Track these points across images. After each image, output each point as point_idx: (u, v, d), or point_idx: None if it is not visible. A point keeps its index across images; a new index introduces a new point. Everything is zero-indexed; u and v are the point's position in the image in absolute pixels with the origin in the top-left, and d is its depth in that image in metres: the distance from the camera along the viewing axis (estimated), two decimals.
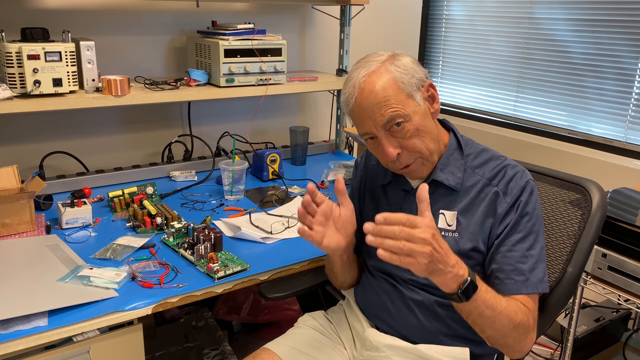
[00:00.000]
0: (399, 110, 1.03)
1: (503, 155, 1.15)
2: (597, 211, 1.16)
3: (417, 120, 1.05)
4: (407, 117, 1.04)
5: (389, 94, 1.03)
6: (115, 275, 1.22)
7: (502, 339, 1.02)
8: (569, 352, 1.64)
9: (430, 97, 1.10)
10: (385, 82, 1.04)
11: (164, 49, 2.02)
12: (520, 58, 2.39)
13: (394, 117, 1.03)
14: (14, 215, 1.43)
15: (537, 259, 1.06)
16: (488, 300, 0.97)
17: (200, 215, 1.63)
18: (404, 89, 1.04)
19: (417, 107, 1.06)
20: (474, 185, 1.11)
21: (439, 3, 2.75)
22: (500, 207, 1.08)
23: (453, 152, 1.13)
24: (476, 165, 1.12)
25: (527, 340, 1.04)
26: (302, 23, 2.33)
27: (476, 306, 0.96)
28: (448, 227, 1.10)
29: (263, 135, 2.35)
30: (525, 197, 1.07)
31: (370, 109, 1.04)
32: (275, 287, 1.31)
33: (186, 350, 1.77)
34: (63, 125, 1.89)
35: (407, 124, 1.04)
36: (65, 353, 1.11)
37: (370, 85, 1.04)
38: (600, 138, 2.14)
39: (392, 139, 1.06)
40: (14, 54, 1.46)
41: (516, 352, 1.05)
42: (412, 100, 1.05)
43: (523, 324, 1.01)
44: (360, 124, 1.08)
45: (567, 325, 1.62)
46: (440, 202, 1.12)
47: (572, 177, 1.24)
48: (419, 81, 1.07)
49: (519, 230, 1.06)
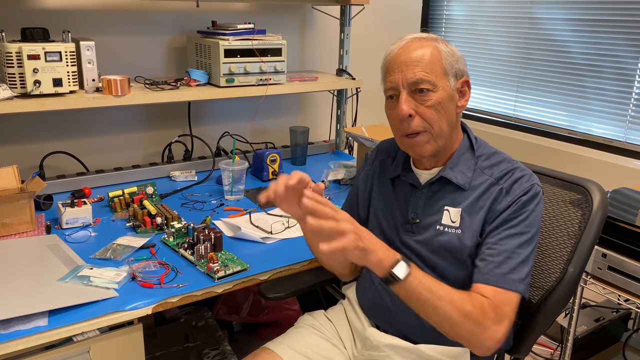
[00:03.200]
0: (430, 77, 1.05)
1: (515, 160, 1.15)
2: (598, 211, 1.16)
3: (443, 96, 1.07)
4: (434, 87, 1.06)
5: (427, 60, 1.06)
6: (116, 275, 1.22)
7: (452, 329, 0.98)
8: (569, 352, 1.64)
9: (462, 92, 1.12)
10: (430, 50, 1.07)
11: (164, 49, 2.02)
12: (520, 58, 2.39)
13: (423, 80, 1.05)
14: (14, 215, 1.43)
15: (524, 260, 1.04)
16: (426, 284, 0.96)
17: (200, 215, 1.63)
18: (444, 64, 1.07)
19: (448, 87, 1.08)
20: (481, 184, 1.10)
21: (439, 3, 2.75)
22: (500, 204, 1.07)
23: (465, 151, 1.14)
24: (486, 166, 1.12)
25: (486, 335, 0.97)
26: (302, 23, 2.33)
27: (413, 289, 0.95)
28: (452, 223, 1.10)
29: (263, 135, 2.35)
30: (526, 198, 1.06)
31: (405, 63, 1.06)
32: (275, 286, 1.31)
33: (186, 350, 1.77)
34: (63, 125, 1.89)
35: (431, 94, 1.06)
36: (65, 353, 1.11)
37: (415, 45, 1.08)
38: (600, 138, 2.14)
39: (410, 100, 1.07)
40: (14, 54, 1.46)
41: (474, 346, 1.00)
42: (445, 78, 1.07)
43: (473, 314, 0.96)
44: (389, 76, 1.10)
45: (567, 325, 1.62)
46: (446, 199, 1.12)
47: (572, 178, 1.24)
48: (459, 71, 1.10)
49: (511, 226, 1.05)
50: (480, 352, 1.01)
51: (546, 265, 1.21)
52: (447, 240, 1.09)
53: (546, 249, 1.23)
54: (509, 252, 1.04)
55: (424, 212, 1.13)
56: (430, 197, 1.14)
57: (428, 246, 1.12)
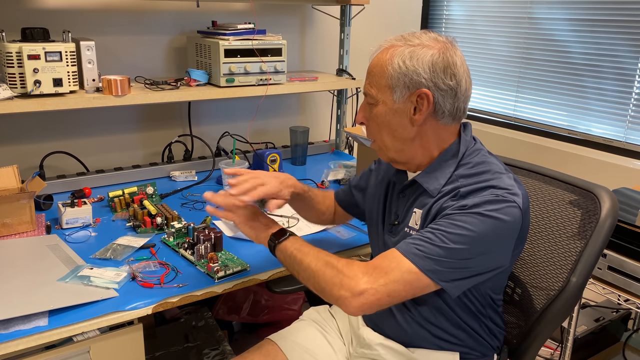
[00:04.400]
0: (371, 90, 1.07)
1: (506, 172, 1.04)
2: (607, 220, 1.09)
3: (382, 111, 1.06)
4: (375, 101, 1.07)
5: (376, 71, 1.06)
6: (116, 275, 1.22)
7: (315, 280, 1.00)
8: (569, 352, 1.64)
9: (417, 106, 1.03)
10: (384, 61, 1.05)
11: (164, 49, 2.02)
12: (520, 58, 2.39)
13: (366, 93, 1.08)
14: (14, 215, 1.43)
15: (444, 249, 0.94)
16: (297, 245, 1.08)
17: (200, 215, 1.63)
18: (389, 77, 1.03)
19: (391, 102, 1.04)
20: (446, 189, 1.04)
21: (439, 3, 2.75)
22: (447, 203, 1.01)
23: (448, 158, 1.08)
24: (463, 175, 1.04)
25: (346, 284, 0.95)
26: (302, 23, 2.33)
27: (284, 250, 1.08)
28: (415, 226, 1.08)
29: (263, 135, 2.35)
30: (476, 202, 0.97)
31: (367, 72, 1.09)
32: (282, 281, 1.32)
33: (186, 350, 1.77)
34: (63, 125, 1.89)
35: (373, 107, 1.07)
36: (66, 353, 1.11)
37: (377, 56, 1.08)
38: (600, 138, 2.14)
39: (366, 109, 1.10)
40: (14, 54, 1.46)
41: (335, 298, 0.97)
42: (390, 92, 1.04)
43: (334, 264, 0.99)
44: None
45: (567, 325, 1.62)
46: (417, 202, 1.10)
47: (582, 183, 1.18)
48: (414, 83, 1.01)
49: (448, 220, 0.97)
50: (342, 306, 0.96)
51: (548, 268, 1.20)
52: None
53: (545, 252, 1.21)
54: (428, 235, 0.97)
55: (402, 214, 1.13)
56: (408, 199, 1.13)
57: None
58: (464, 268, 0.97)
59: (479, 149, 1.10)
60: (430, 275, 0.95)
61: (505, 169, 1.06)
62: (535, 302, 1.20)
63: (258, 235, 1.15)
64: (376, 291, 0.94)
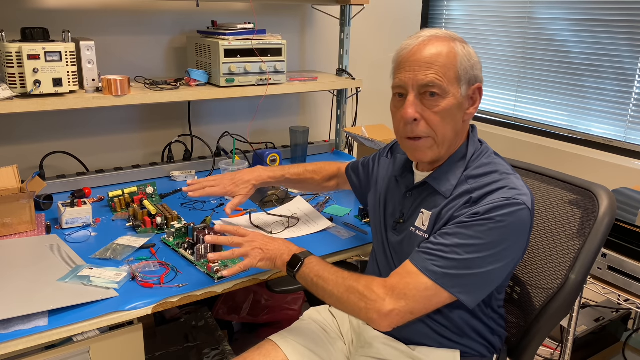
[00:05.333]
0: (442, 81, 1.01)
1: (513, 174, 1.06)
2: (605, 217, 1.10)
3: (452, 103, 1.02)
4: (444, 93, 1.01)
5: (442, 62, 1.01)
6: (116, 275, 1.22)
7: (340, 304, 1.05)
8: (569, 352, 1.64)
9: (473, 99, 1.07)
10: (446, 51, 1.02)
11: (164, 49, 2.02)
12: (520, 58, 2.39)
13: (434, 84, 1.00)
14: (14, 215, 1.43)
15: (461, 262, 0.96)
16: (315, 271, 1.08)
17: (200, 215, 1.63)
18: (459, 70, 1.02)
19: (458, 95, 1.03)
20: (456, 192, 1.05)
21: (439, 3, 2.75)
22: (460, 212, 1.01)
23: (459, 159, 1.09)
24: (472, 175, 1.06)
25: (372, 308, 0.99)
26: (302, 23, 2.33)
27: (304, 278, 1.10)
28: (422, 226, 1.08)
29: (263, 135, 2.35)
30: (492, 207, 0.97)
31: (418, 63, 1.01)
32: (283, 281, 1.32)
33: (186, 350, 1.77)
34: (63, 125, 1.89)
35: (440, 99, 1.02)
36: (65, 353, 1.11)
37: (432, 45, 1.02)
38: (600, 138, 2.14)
39: (417, 104, 1.03)
40: (14, 54, 1.46)
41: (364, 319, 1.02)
42: (457, 85, 1.02)
43: (356, 289, 1.02)
44: (399, 74, 1.05)
45: (567, 325, 1.62)
46: (425, 202, 1.10)
47: (581, 182, 1.19)
48: (473, 77, 1.05)
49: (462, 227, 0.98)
50: (373, 326, 1.02)
51: (547, 267, 1.20)
52: (416, 243, 1.08)
53: (544, 250, 1.22)
54: (443, 246, 0.99)
55: (409, 213, 1.13)
56: (416, 199, 1.13)
57: (404, 246, 1.13)
58: (481, 278, 0.99)
59: (486, 150, 1.11)
60: (449, 290, 0.98)
61: (512, 170, 1.07)
62: (534, 300, 1.20)
63: (276, 266, 1.17)
64: (400, 312, 0.99)
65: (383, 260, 1.20)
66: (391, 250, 1.17)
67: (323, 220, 1.58)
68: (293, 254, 1.13)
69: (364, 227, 1.56)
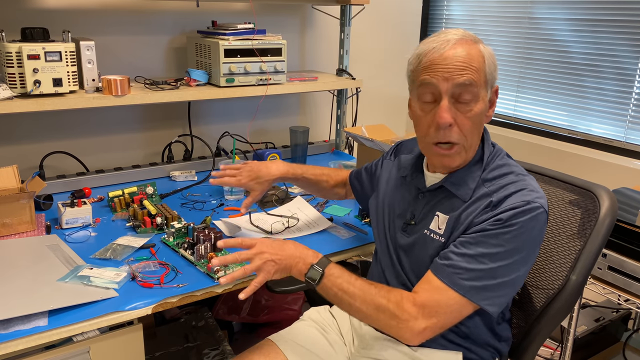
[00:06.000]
0: (477, 83, 0.99)
1: (528, 175, 1.06)
2: (606, 218, 1.10)
3: (482, 108, 1.01)
4: (476, 98, 1.00)
5: (475, 66, 0.99)
6: (115, 275, 1.22)
7: (370, 321, 1.04)
8: (569, 352, 1.64)
9: (492, 102, 1.07)
10: (477, 54, 1.00)
11: (164, 49, 2.02)
12: (520, 58, 2.39)
13: (471, 83, 0.98)
14: (14, 215, 1.43)
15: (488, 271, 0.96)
16: (338, 284, 1.03)
17: (200, 215, 1.63)
18: (487, 73, 1.01)
19: (486, 98, 1.03)
20: (474, 196, 1.05)
21: (439, 3, 2.75)
22: (481, 217, 1.01)
23: (475, 162, 1.08)
24: (489, 178, 1.05)
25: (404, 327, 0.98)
26: (302, 23, 2.33)
27: (327, 290, 1.04)
28: (438, 230, 1.07)
29: (263, 135, 2.35)
30: (514, 213, 0.97)
31: (453, 66, 0.98)
32: (282, 281, 1.31)
33: (186, 350, 1.77)
34: (63, 125, 1.89)
35: (473, 104, 1.00)
36: (65, 353, 1.11)
37: (463, 47, 0.99)
38: (600, 138, 2.14)
39: (452, 108, 1.00)
40: (14, 54, 1.46)
41: (396, 337, 1.02)
42: (485, 89, 1.02)
43: (386, 308, 0.99)
44: (431, 76, 1.00)
45: (567, 325, 1.62)
46: (443, 205, 1.09)
47: (582, 182, 1.19)
48: (494, 79, 1.04)
49: (486, 235, 0.98)
50: (405, 342, 1.01)
51: (547, 267, 1.20)
52: (432, 246, 1.07)
53: (545, 251, 1.22)
54: (468, 257, 0.98)
55: (421, 215, 1.12)
56: (429, 201, 1.12)
57: (415, 248, 1.11)
58: (506, 285, 0.99)
59: (499, 152, 1.11)
60: (478, 303, 0.99)
61: (526, 172, 1.08)
62: (534, 301, 1.20)
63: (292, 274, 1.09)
64: (432, 329, 0.99)
65: (387, 262, 1.19)
66: (399, 251, 1.15)
67: (323, 220, 1.58)
68: (310, 265, 1.06)
69: (364, 227, 1.56)
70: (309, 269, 1.05)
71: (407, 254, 1.13)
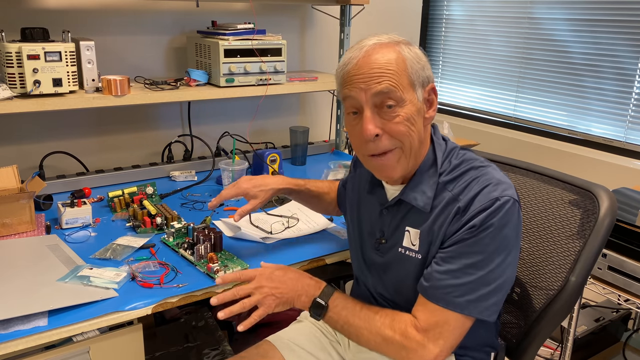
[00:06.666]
0: (396, 88, 0.94)
1: (489, 165, 1.02)
2: (605, 219, 1.09)
3: (411, 110, 0.96)
4: (401, 102, 0.95)
5: (393, 69, 0.94)
6: (115, 275, 1.22)
7: (380, 351, 1.01)
8: (569, 352, 1.64)
9: (429, 101, 1.02)
10: (394, 57, 0.95)
11: (164, 49, 2.02)
12: (520, 58, 2.39)
13: (390, 90, 0.94)
14: (14, 215, 1.43)
15: (476, 280, 0.95)
16: (344, 316, 1.02)
17: (200, 215, 1.63)
18: (411, 74, 0.96)
19: (415, 100, 0.97)
20: (441, 202, 1.00)
21: (439, 3, 2.75)
22: (453, 226, 0.97)
23: (428, 167, 1.03)
24: (449, 180, 1.01)
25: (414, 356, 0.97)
26: (302, 23, 2.33)
27: (333, 322, 1.04)
28: (412, 246, 1.04)
29: (263, 135, 2.35)
30: (486, 215, 0.94)
31: (368, 75, 0.94)
32: None
33: (186, 350, 1.77)
34: (63, 125, 1.89)
35: (399, 109, 0.95)
36: (65, 353, 1.11)
37: (377, 53, 0.95)
38: (600, 138, 2.14)
39: (376, 118, 0.96)
40: (14, 54, 1.46)
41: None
42: (412, 90, 0.97)
43: (393, 339, 0.98)
44: (349, 90, 0.97)
45: (567, 325, 1.62)
46: (409, 220, 1.04)
47: (581, 182, 1.18)
48: (426, 78, 0.99)
49: (465, 245, 0.95)
50: None
51: (547, 267, 1.20)
52: (409, 264, 1.04)
53: (544, 252, 1.21)
54: (455, 271, 0.95)
55: (390, 232, 1.08)
56: (394, 216, 1.07)
57: (392, 268, 1.08)
58: (499, 288, 0.97)
59: (452, 149, 1.06)
60: (478, 316, 0.97)
61: (486, 161, 1.04)
62: (534, 301, 1.20)
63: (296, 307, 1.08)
64: (443, 352, 0.97)
65: (369, 281, 1.16)
66: (377, 271, 1.12)
67: (323, 220, 1.58)
68: (313, 298, 1.04)
69: None
70: (312, 302, 1.04)
71: (386, 272, 1.10)
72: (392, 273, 1.09)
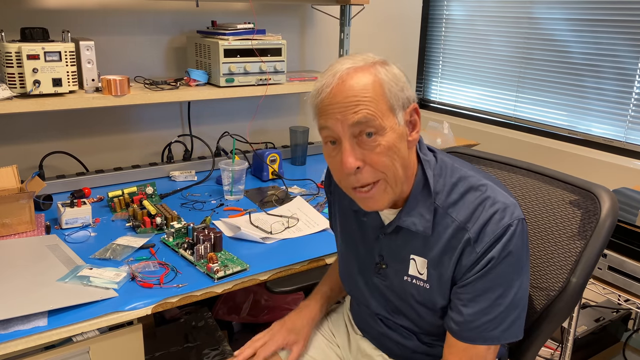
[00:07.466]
0: (375, 116, 0.86)
1: (485, 182, 0.96)
2: (606, 220, 1.08)
3: (393, 138, 0.88)
4: (381, 130, 0.87)
5: (369, 96, 0.87)
6: (115, 275, 1.22)
7: None
8: (569, 352, 1.64)
9: (412, 122, 0.94)
10: (370, 82, 0.88)
11: (164, 49, 2.02)
12: (520, 58, 2.39)
13: (368, 119, 0.86)
14: (14, 215, 1.43)
15: (505, 309, 0.93)
16: None
17: (200, 215, 1.63)
18: (389, 98, 0.88)
19: (396, 126, 0.89)
20: (446, 230, 0.94)
21: (439, 3, 2.75)
22: (469, 257, 0.92)
23: (421, 189, 0.96)
24: (449, 204, 0.95)
25: None
26: (302, 23, 2.33)
27: None
28: (419, 275, 0.99)
29: (263, 135, 2.35)
30: (501, 246, 0.90)
31: (344, 104, 0.87)
32: (282, 281, 1.31)
33: (186, 350, 1.77)
34: (63, 125, 1.89)
35: (379, 138, 0.88)
36: (65, 353, 1.10)
37: (352, 79, 0.88)
38: (600, 138, 2.14)
39: (356, 149, 0.88)
40: (14, 54, 1.46)
41: None
42: (393, 115, 0.89)
43: None
44: (325, 120, 0.91)
45: (567, 326, 1.62)
46: (412, 246, 0.99)
47: (582, 183, 1.16)
48: (406, 100, 0.91)
49: (487, 280, 0.92)
50: None
51: (548, 268, 1.19)
52: (416, 292, 1.00)
53: (545, 253, 1.21)
54: (485, 308, 0.93)
55: (390, 258, 1.03)
56: (394, 241, 1.02)
57: (397, 294, 1.04)
58: (524, 306, 0.97)
59: (443, 165, 0.99)
60: (510, 340, 0.95)
61: (477, 171, 1.00)
62: (535, 302, 1.20)
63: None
64: None
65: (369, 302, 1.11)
66: (378, 293, 1.08)
67: (323, 220, 1.58)
68: None
69: None
70: None
71: (389, 296, 1.07)
72: (396, 298, 1.05)
